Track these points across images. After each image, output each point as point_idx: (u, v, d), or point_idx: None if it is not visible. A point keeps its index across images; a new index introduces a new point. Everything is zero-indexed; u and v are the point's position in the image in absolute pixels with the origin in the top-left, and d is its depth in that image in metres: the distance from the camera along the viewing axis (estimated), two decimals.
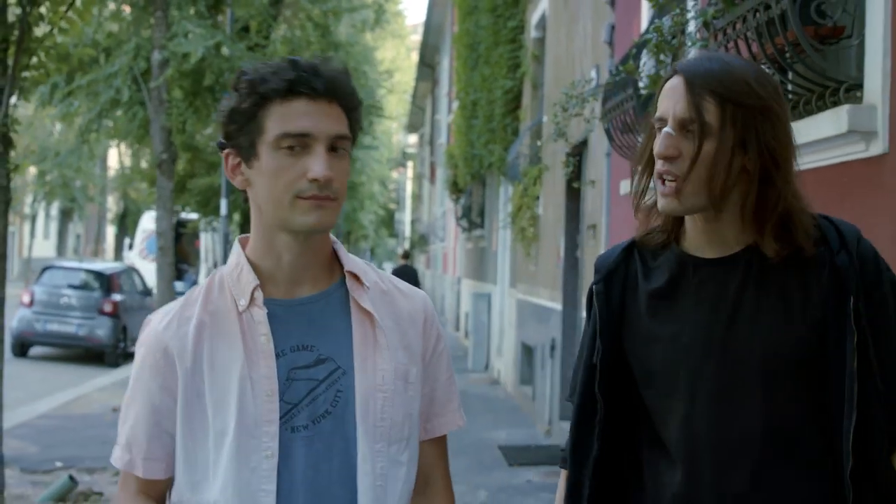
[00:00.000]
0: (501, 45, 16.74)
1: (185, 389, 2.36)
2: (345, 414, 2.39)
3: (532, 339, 14.46)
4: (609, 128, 7.87)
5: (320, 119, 2.32)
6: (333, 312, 2.44)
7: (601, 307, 2.50)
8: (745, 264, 2.38)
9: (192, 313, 2.40)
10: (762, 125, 2.28)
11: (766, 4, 4.56)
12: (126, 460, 2.42)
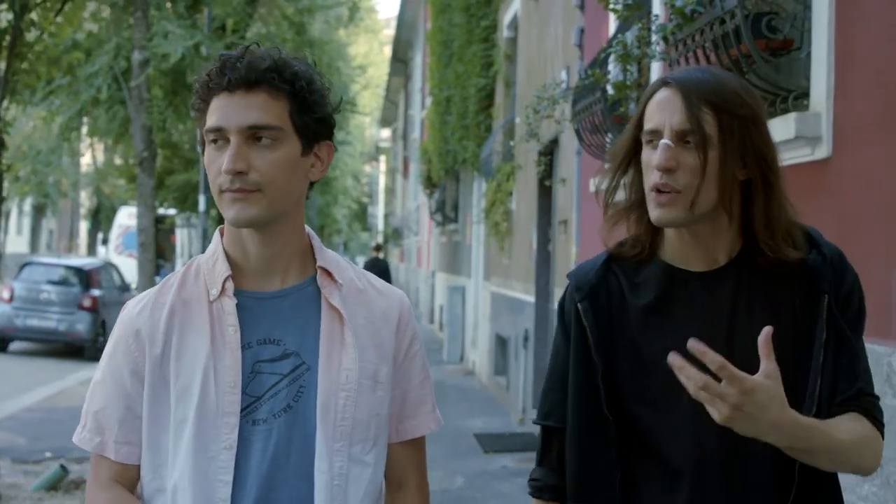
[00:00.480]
0: (474, 43, 17.00)
1: (152, 374, 2.36)
2: (305, 410, 2.37)
3: (506, 330, 14.78)
4: (579, 128, 8.24)
5: (234, 112, 2.29)
6: (304, 307, 2.43)
7: (591, 325, 2.43)
8: (735, 276, 2.37)
9: (166, 300, 2.40)
10: (755, 133, 2.29)
11: (721, 19, 4.94)
12: (96, 442, 2.40)
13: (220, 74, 2.28)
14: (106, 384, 2.40)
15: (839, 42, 4.59)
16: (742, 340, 2.31)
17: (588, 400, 2.41)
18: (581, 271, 2.52)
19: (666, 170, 2.27)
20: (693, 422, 2.31)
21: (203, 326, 2.35)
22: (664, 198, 2.29)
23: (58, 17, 8.99)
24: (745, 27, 4.78)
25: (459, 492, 9.40)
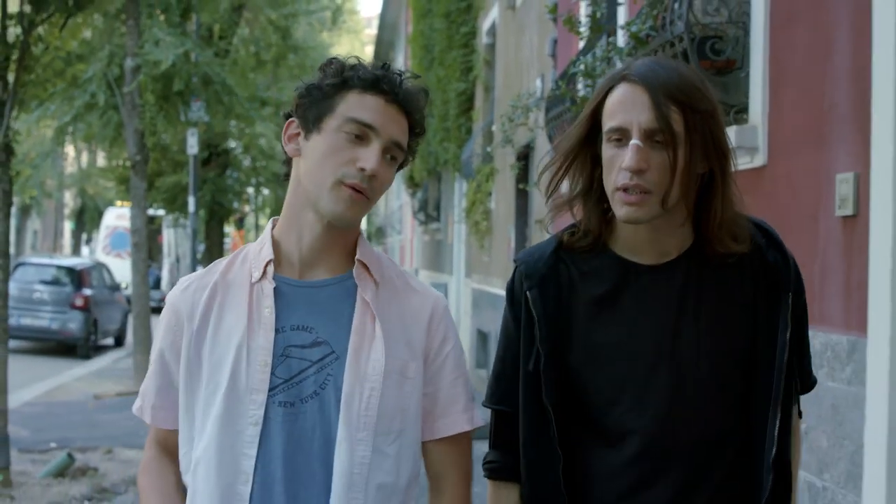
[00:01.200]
0: (455, 48, 17.50)
1: (188, 349, 2.47)
2: (330, 398, 2.42)
3: (486, 325, 15.27)
4: (551, 134, 8.86)
5: (389, 120, 2.40)
6: (341, 299, 2.48)
7: (539, 314, 2.41)
8: (685, 270, 2.36)
9: (209, 281, 2.51)
10: (715, 127, 2.29)
11: (671, 42, 5.55)
12: (138, 406, 2.61)
13: (382, 79, 2.41)
14: (154, 356, 2.58)
15: (772, 64, 5.21)
16: (688, 333, 2.33)
17: (534, 387, 2.41)
18: (531, 258, 2.51)
19: (637, 171, 2.25)
20: (640, 411, 2.34)
21: (241, 307, 2.44)
22: (634, 198, 2.27)
23: (62, 30, 9.52)
24: (692, 50, 5.39)
25: None
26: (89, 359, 21.08)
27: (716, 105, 2.31)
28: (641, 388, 2.35)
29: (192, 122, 17.60)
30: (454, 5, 17.45)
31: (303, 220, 2.46)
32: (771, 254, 2.37)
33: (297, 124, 2.46)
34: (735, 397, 2.36)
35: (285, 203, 2.51)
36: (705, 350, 2.33)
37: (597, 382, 2.38)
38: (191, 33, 17.51)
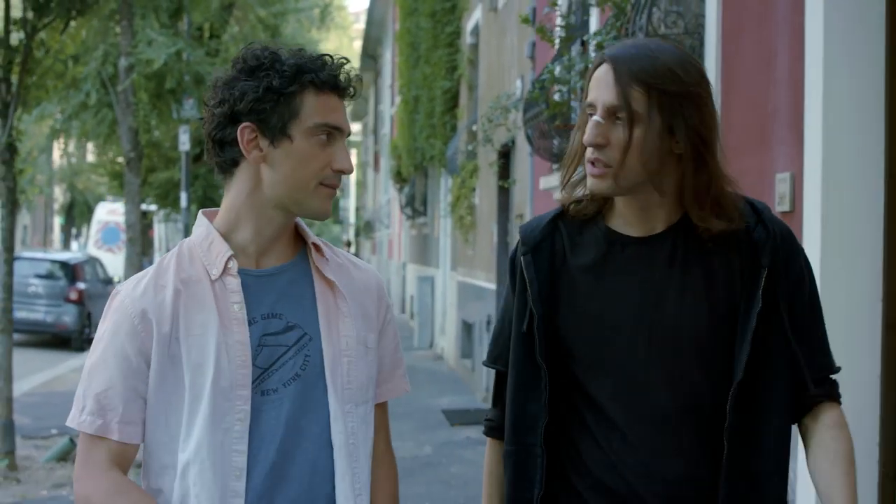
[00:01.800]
0: (440, 47, 17.81)
1: (160, 353, 2.39)
2: (313, 378, 2.46)
3: (471, 316, 15.70)
4: (529, 134, 9.33)
5: (345, 115, 2.45)
6: (299, 282, 2.51)
7: (531, 277, 2.46)
8: (671, 244, 2.40)
9: (165, 281, 2.43)
10: (688, 110, 2.30)
11: None
12: (98, 425, 2.39)
13: (337, 78, 2.42)
14: (108, 365, 2.41)
15: (724, 72, 5.67)
16: (669, 306, 2.38)
17: (525, 347, 2.47)
18: (529, 226, 2.58)
19: (594, 146, 2.34)
20: (616, 380, 2.40)
21: (209, 305, 2.41)
22: (596, 171, 2.36)
23: (63, 33, 9.99)
24: None
25: (427, 458, 10.48)
26: (83, 351, 21.41)
27: (695, 88, 2.33)
28: (620, 357, 2.40)
29: (184, 119, 18.00)
30: (439, 5, 17.80)
31: (264, 217, 2.45)
32: (758, 231, 2.38)
33: (253, 129, 2.39)
34: (716, 373, 2.37)
35: (235, 201, 2.46)
36: (685, 324, 2.36)
37: (581, 349, 2.44)
38: (182, 33, 17.93)
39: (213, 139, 2.44)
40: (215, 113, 2.42)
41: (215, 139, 2.44)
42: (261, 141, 2.39)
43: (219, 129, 2.42)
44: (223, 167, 2.46)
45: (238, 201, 2.46)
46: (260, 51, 2.41)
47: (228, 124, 2.40)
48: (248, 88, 2.36)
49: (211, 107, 2.44)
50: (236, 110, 2.38)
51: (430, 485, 9.31)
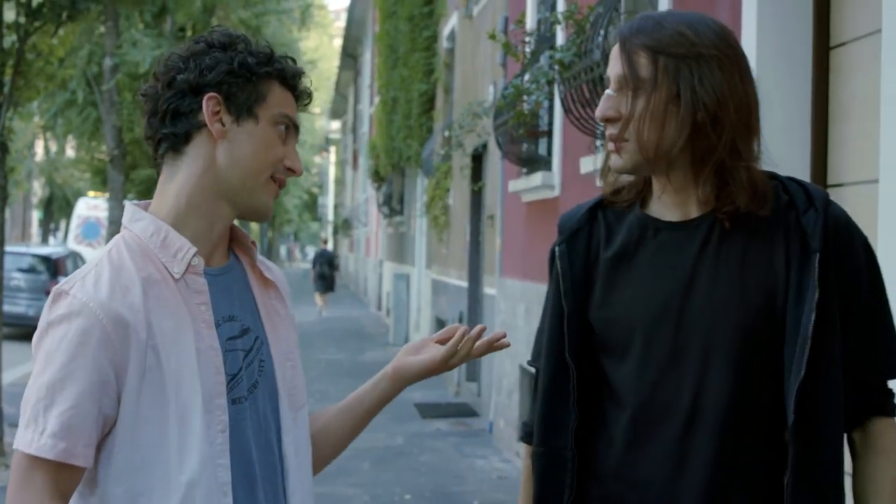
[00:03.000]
0: (417, 51, 18.25)
1: (137, 364, 2.10)
2: (268, 384, 2.31)
3: (444, 313, 16.15)
4: (499, 140, 9.79)
5: (295, 112, 2.32)
6: (240, 283, 2.35)
7: (564, 269, 2.33)
8: (706, 229, 2.21)
9: (128, 280, 2.15)
10: (696, 72, 2.12)
11: (591, 68, 6.49)
12: (61, 449, 2.04)
13: (294, 76, 2.30)
14: (74, 379, 2.07)
15: None
16: (700, 295, 2.19)
17: (557, 345, 2.34)
18: (567, 215, 2.44)
19: (604, 119, 2.22)
20: (638, 373, 2.24)
21: (178, 307, 2.17)
22: (610, 146, 2.22)
23: (54, 37, 10.44)
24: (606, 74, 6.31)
25: (399, 448, 10.94)
26: None
27: (707, 50, 2.14)
28: (643, 348, 2.24)
29: None
30: (417, 10, 18.21)
31: (216, 210, 2.24)
32: (808, 215, 2.16)
33: (218, 101, 2.19)
34: (750, 369, 2.17)
35: (182, 188, 2.21)
36: (717, 314, 2.17)
37: (608, 341, 2.30)
38: (166, 34, 18.36)
39: (165, 110, 2.20)
40: (175, 80, 2.19)
41: (169, 109, 2.19)
42: (224, 116, 2.20)
43: (176, 98, 2.19)
44: (172, 142, 2.21)
45: (188, 185, 2.20)
46: (231, 31, 2.28)
47: (189, 94, 2.19)
48: (221, 59, 2.20)
49: (165, 76, 2.22)
50: (202, 81, 2.18)
51: (400, 472, 9.78)
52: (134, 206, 2.29)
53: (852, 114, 4.52)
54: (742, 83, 2.16)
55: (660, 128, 2.14)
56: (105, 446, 2.12)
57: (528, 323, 9.83)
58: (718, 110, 2.12)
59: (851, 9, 4.62)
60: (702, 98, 2.12)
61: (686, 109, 2.13)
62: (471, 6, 14.09)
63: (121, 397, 2.10)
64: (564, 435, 2.32)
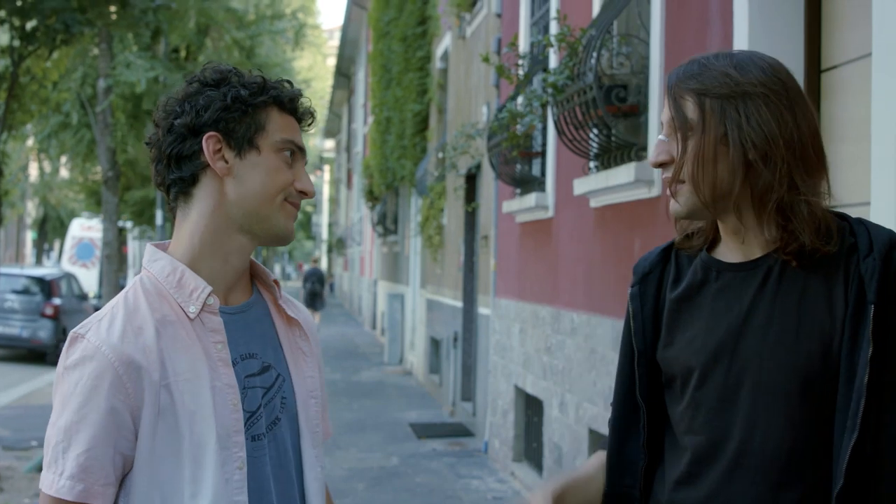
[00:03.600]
0: (411, 71, 18.23)
1: (151, 404, 2.17)
2: (290, 421, 2.36)
3: (439, 333, 16.15)
4: (493, 161, 9.82)
5: (300, 137, 2.35)
6: (263, 320, 2.39)
7: (636, 309, 2.37)
8: (766, 269, 2.19)
9: (141, 322, 2.21)
10: (742, 111, 2.12)
11: (584, 90, 6.53)
12: (79, 490, 2.12)
13: (291, 99, 2.33)
14: (88, 422, 2.13)
15: None
16: (754, 334, 2.17)
17: (628, 384, 2.38)
18: (643, 257, 2.47)
19: (656, 164, 2.23)
20: (694, 411, 2.23)
21: (194, 346, 2.22)
22: (669, 191, 2.23)
23: (47, 62, 10.47)
24: (600, 97, 6.37)
25: (394, 468, 10.92)
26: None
27: (753, 88, 2.13)
28: (697, 387, 2.23)
29: None
30: (410, 30, 18.23)
31: (230, 244, 2.29)
32: (867, 262, 2.08)
33: (218, 139, 2.24)
34: (800, 413, 2.12)
35: (196, 228, 2.27)
36: (769, 354, 2.14)
37: (670, 381, 2.31)
38: (160, 55, 18.41)
39: (168, 155, 2.26)
40: (174, 125, 2.25)
41: (172, 155, 2.25)
42: (226, 152, 2.25)
43: (178, 142, 2.25)
44: (181, 186, 2.27)
45: (201, 225, 2.26)
46: (221, 67, 2.32)
47: (189, 136, 2.25)
48: (215, 97, 2.24)
49: (165, 122, 2.28)
50: (199, 122, 2.24)
51: (396, 493, 9.77)
52: (153, 246, 2.34)
53: (844, 136, 4.54)
54: (793, 117, 2.13)
55: (712, 169, 2.13)
56: (125, 484, 2.19)
57: (522, 343, 9.84)
58: (768, 147, 2.11)
59: (842, 32, 4.65)
60: (749, 136, 2.10)
61: (735, 149, 2.11)
62: (464, 27, 14.12)
63: (137, 436, 2.16)
64: (633, 474, 2.35)
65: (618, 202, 6.96)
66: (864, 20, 4.27)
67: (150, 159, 2.34)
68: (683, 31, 6.02)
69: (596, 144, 6.89)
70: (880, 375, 2.02)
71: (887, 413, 2.04)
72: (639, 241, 6.60)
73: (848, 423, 2.03)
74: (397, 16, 19.18)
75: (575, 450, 7.92)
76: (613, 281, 7.12)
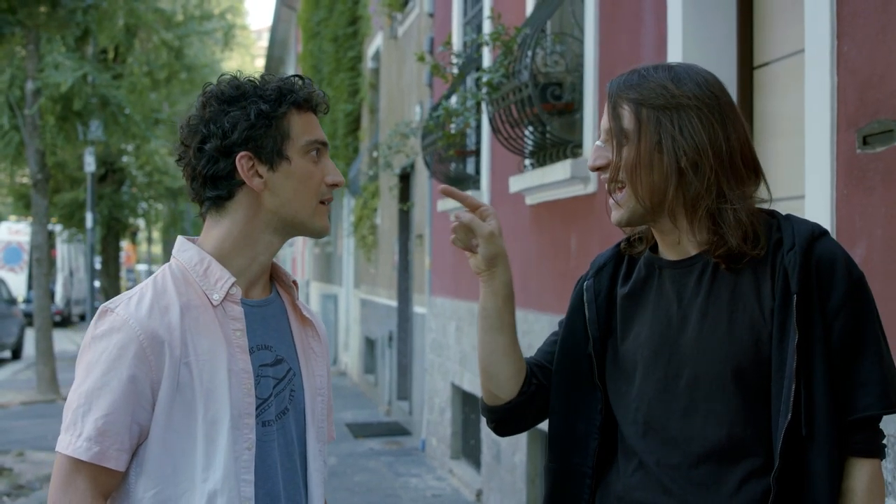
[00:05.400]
0: (342, 71, 18.18)
1: (171, 378, 2.28)
2: (297, 413, 2.46)
3: (373, 332, 16.16)
4: (427, 160, 9.84)
5: (322, 131, 2.44)
6: (280, 316, 2.50)
7: (589, 300, 2.44)
8: (701, 266, 2.29)
9: (168, 302, 2.33)
10: (676, 122, 2.21)
11: (519, 88, 6.58)
12: (94, 451, 2.24)
13: (309, 95, 2.41)
14: (110, 389, 2.25)
15: (601, 110, 6.21)
16: (691, 329, 2.27)
17: (576, 367, 2.45)
18: (601, 253, 2.55)
19: (593, 168, 2.33)
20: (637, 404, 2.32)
21: (215, 330, 2.34)
22: (612, 201, 2.32)
23: None
24: (536, 95, 6.41)
25: (332, 468, 10.90)
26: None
27: (688, 100, 2.22)
28: (640, 382, 2.33)
29: (90, 140, 18.31)
30: (341, 30, 18.17)
31: (261, 242, 2.41)
32: (790, 255, 2.20)
33: (250, 157, 2.34)
34: (736, 400, 2.22)
35: (230, 232, 2.39)
36: (704, 347, 2.24)
37: (619, 374, 2.39)
38: (88, 56, 18.24)
39: (204, 176, 2.36)
40: (204, 149, 2.34)
41: (207, 176, 2.36)
42: (259, 168, 2.35)
43: (210, 164, 2.34)
44: (216, 202, 2.38)
45: (235, 230, 2.39)
46: (236, 81, 2.39)
47: (221, 158, 2.34)
48: (238, 118, 2.33)
49: (193, 140, 2.37)
50: (228, 142, 2.33)
51: (334, 492, 9.76)
52: (184, 238, 2.46)
53: (776, 132, 4.63)
54: (723, 129, 2.24)
55: (648, 175, 2.22)
56: (139, 453, 2.30)
57: (458, 341, 9.89)
58: (698, 157, 2.20)
59: (774, 30, 4.74)
60: (682, 146, 2.20)
61: (669, 157, 2.21)
62: (395, 27, 14.14)
63: (154, 408, 2.28)
64: (582, 452, 2.43)
65: (553, 199, 7.02)
66: (796, 18, 4.36)
67: (183, 177, 2.45)
68: (617, 29, 6.10)
69: (531, 142, 6.95)
70: (808, 361, 2.15)
71: (816, 396, 2.15)
72: (575, 238, 6.67)
73: (781, 407, 2.15)
74: (328, 16, 19.11)
75: (513, 446, 7.97)
76: (550, 277, 7.18)
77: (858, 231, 3.69)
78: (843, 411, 2.18)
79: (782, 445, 2.14)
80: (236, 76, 2.41)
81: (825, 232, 2.26)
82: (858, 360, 2.20)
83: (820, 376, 2.16)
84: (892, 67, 3.56)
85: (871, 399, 2.19)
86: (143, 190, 28.16)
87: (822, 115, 3.86)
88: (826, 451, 2.16)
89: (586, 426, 2.42)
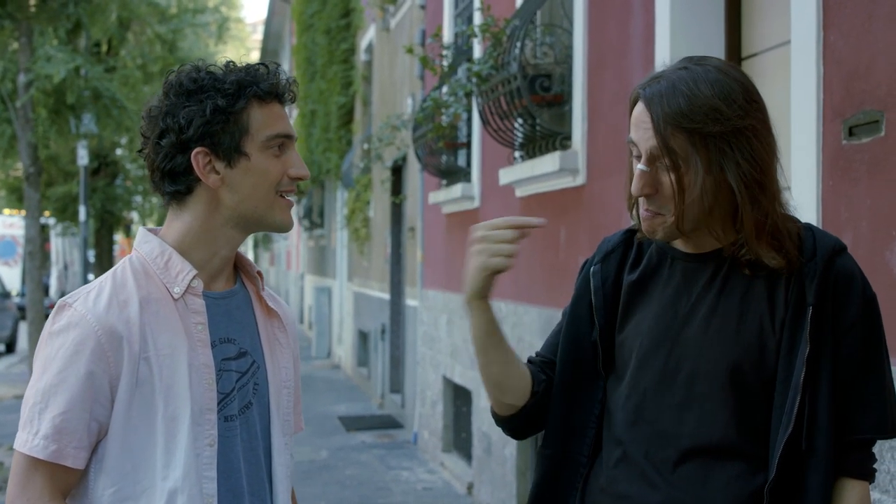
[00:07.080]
0: (335, 63, 18.17)
1: (129, 374, 2.23)
2: (261, 407, 2.41)
3: (366, 325, 16.16)
4: (418, 152, 9.83)
5: (288, 121, 2.35)
6: (245, 308, 2.45)
7: (596, 286, 2.40)
8: (716, 263, 2.27)
9: (127, 297, 2.28)
10: (737, 148, 2.14)
11: (508, 80, 6.56)
12: (52, 450, 2.19)
13: (277, 86, 2.33)
14: (67, 386, 2.21)
15: (589, 101, 6.24)
16: (697, 324, 2.25)
17: (582, 354, 2.42)
18: (607, 237, 2.51)
19: (643, 196, 2.23)
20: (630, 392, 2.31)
21: (175, 324, 2.29)
22: (648, 215, 2.25)
23: None
24: (524, 86, 6.40)
25: (324, 461, 10.91)
26: None
27: (742, 122, 2.15)
28: (636, 372, 2.31)
29: (82, 134, 18.26)
30: (334, 22, 18.16)
31: (221, 237, 2.36)
32: (808, 266, 2.19)
33: (206, 153, 2.27)
34: (732, 401, 2.21)
35: (191, 226, 2.34)
36: (708, 344, 2.22)
37: (616, 363, 2.37)
38: (81, 49, 18.17)
39: (161, 171, 2.31)
40: (161, 144, 2.28)
41: (165, 171, 2.31)
42: (216, 164, 2.28)
43: (167, 159, 2.29)
44: (176, 197, 2.34)
45: (196, 224, 2.34)
46: (195, 72, 2.31)
47: (178, 153, 2.28)
48: (194, 113, 2.26)
49: (153, 138, 2.31)
50: (185, 138, 2.26)
51: (325, 486, 9.76)
52: (145, 230, 2.41)
53: None
54: (768, 145, 2.20)
55: (705, 202, 2.18)
56: (98, 450, 2.25)
57: (449, 334, 9.87)
58: (763, 177, 2.17)
59: (761, 21, 4.72)
60: (747, 171, 2.15)
61: (736, 182, 2.15)
62: (388, 19, 14.12)
63: (113, 405, 2.23)
64: (580, 441, 2.41)
65: (543, 191, 7.00)
66: (783, 9, 4.34)
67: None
68: (606, 20, 6.07)
69: (521, 134, 6.93)
70: (815, 374, 2.14)
71: (819, 411, 2.14)
72: (564, 230, 6.65)
73: (783, 419, 2.13)
74: (321, 8, 19.09)
75: (504, 439, 7.95)
76: (540, 270, 7.16)
77: (844, 222, 3.67)
78: (842, 429, 2.17)
79: (780, 457, 2.13)
80: (197, 65, 2.34)
81: (845, 248, 2.25)
82: (864, 380, 2.19)
83: (825, 391, 2.15)
84: (878, 58, 3.55)
85: (872, 422, 2.19)
86: (137, 183, 28.12)
87: (808, 106, 3.85)
88: (822, 468, 2.15)
89: (586, 414, 2.40)
